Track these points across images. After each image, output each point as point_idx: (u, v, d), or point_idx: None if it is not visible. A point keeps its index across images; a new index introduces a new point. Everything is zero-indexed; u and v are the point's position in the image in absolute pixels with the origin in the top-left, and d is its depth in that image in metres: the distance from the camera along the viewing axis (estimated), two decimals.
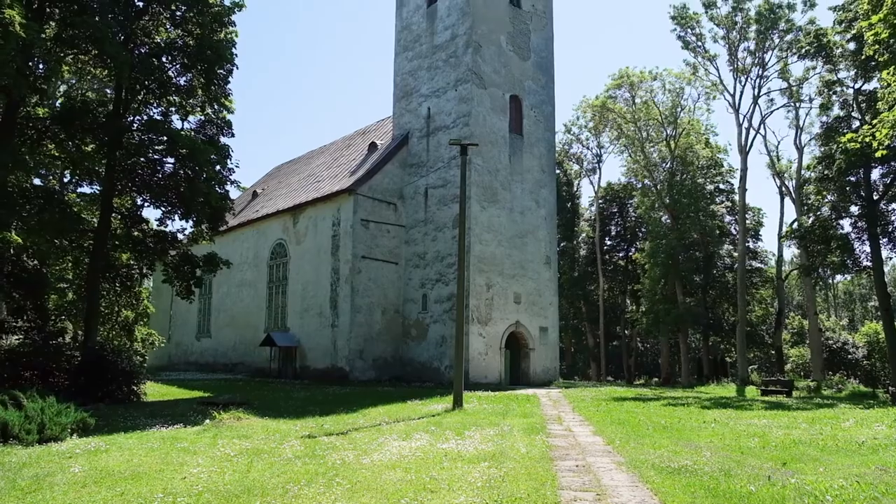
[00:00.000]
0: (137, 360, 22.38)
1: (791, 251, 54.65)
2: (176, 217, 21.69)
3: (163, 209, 21.58)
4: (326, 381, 27.60)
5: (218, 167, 20.76)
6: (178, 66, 21.01)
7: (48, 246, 20.85)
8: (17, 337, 22.27)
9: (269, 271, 34.05)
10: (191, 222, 22.01)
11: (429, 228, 29.05)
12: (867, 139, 16.53)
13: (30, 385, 15.14)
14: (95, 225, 20.73)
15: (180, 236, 22.95)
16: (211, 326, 38.22)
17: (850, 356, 47.21)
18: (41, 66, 18.92)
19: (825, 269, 37.48)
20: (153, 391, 21.55)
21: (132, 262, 23.05)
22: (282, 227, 33.46)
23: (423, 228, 29.28)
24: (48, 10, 18.51)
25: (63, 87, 28.15)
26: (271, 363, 32.11)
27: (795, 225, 38.76)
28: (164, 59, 20.68)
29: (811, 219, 35.59)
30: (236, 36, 21.16)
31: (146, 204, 22.17)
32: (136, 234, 21.75)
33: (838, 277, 65.34)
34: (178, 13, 20.42)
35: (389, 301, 29.41)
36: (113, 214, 20.87)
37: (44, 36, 17.14)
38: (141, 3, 20.26)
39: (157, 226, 22.49)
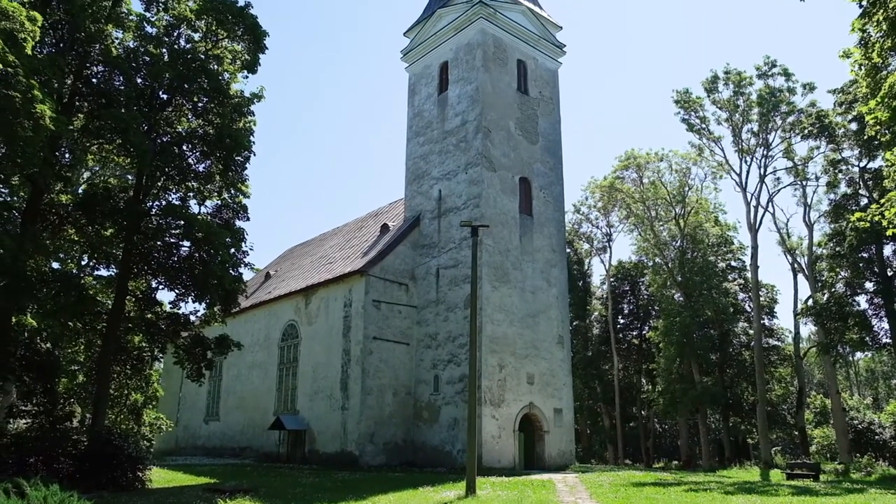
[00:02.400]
0: (144, 445, 22.05)
1: (808, 328, 53.77)
2: (189, 299, 21.89)
3: (177, 291, 21.81)
4: (336, 466, 26.87)
5: (232, 250, 21.10)
6: (197, 153, 21.77)
7: (62, 329, 21.01)
8: (25, 421, 22.08)
9: (279, 353, 33.88)
10: (204, 304, 22.18)
11: (440, 309, 29.02)
12: (877, 218, 16.63)
13: (34, 471, 14.89)
14: (110, 307, 20.94)
15: (193, 318, 23.08)
16: (220, 409, 37.70)
17: (877, 437, 45.49)
18: (67, 155, 19.72)
19: (844, 346, 36.82)
20: (159, 477, 21.05)
21: (144, 345, 23.10)
22: (293, 309, 33.54)
23: (435, 309, 29.26)
24: (77, 103, 19.44)
25: (86, 174, 29.14)
26: (280, 447, 31.41)
27: (810, 302, 38.35)
28: (184, 147, 21.47)
29: (826, 296, 35.28)
30: (254, 125, 22.03)
31: (161, 286, 22.45)
32: (149, 316, 21.90)
33: (858, 354, 63.92)
34: (200, 104, 21.35)
35: (401, 383, 29.03)
36: (127, 297, 21.10)
37: (71, 127, 17.95)
38: (165, 96, 21.24)
39: (171, 308, 22.67)
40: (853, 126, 33.57)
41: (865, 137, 26.66)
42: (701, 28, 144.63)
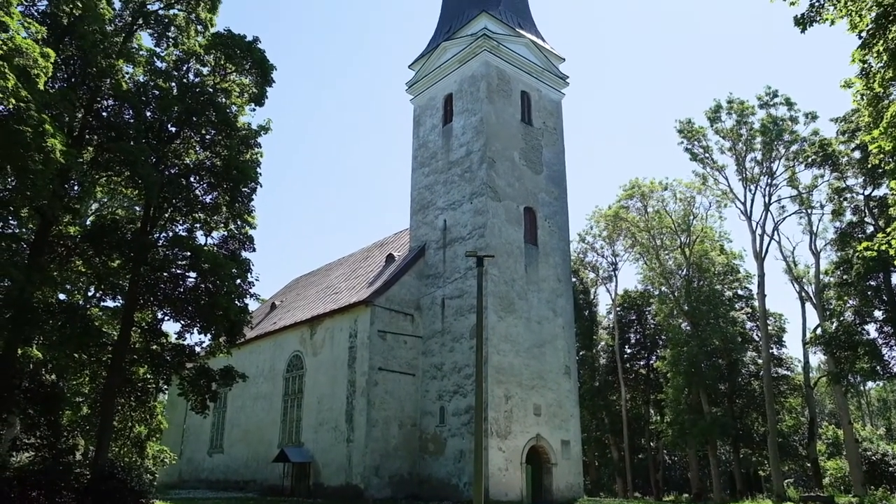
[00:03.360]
0: (147, 479, 21.78)
1: (817, 357, 53.24)
2: (195, 330, 21.85)
3: (182, 322, 21.78)
4: (341, 499, 26.50)
5: (238, 281, 21.14)
6: (204, 184, 21.93)
7: (67, 360, 20.95)
8: (28, 454, 21.90)
9: (284, 384, 33.68)
10: (209, 336, 22.13)
11: (446, 339, 28.88)
12: (883, 247, 16.56)
13: None
14: (115, 338, 20.92)
15: (198, 349, 23.01)
16: (224, 441, 37.37)
17: (891, 468, 44.67)
18: (76, 187, 19.91)
19: (855, 375, 36.36)
20: None
21: (149, 377, 23.01)
22: (298, 339, 33.44)
23: (441, 339, 29.12)
24: (88, 136, 19.70)
25: (95, 206, 29.38)
26: (284, 480, 31.02)
27: (819, 331, 38.01)
28: (191, 179, 21.65)
29: (834, 324, 34.97)
30: (261, 156, 22.24)
31: (166, 318, 22.44)
32: (154, 347, 21.85)
33: (870, 384, 63.13)
34: (208, 137, 21.60)
35: (406, 414, 28.75)
36: (133, 328, 21.09)
37: (81, 160, 18.17)
38: (174, 129, 21.50)
39: (176, 339, 22.63)
40: (856, 154, 33.64)
41: (869, 166, 26.71)
42: (703, 58, 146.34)
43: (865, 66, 15.02)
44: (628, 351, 55.95)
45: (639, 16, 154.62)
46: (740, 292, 50.01)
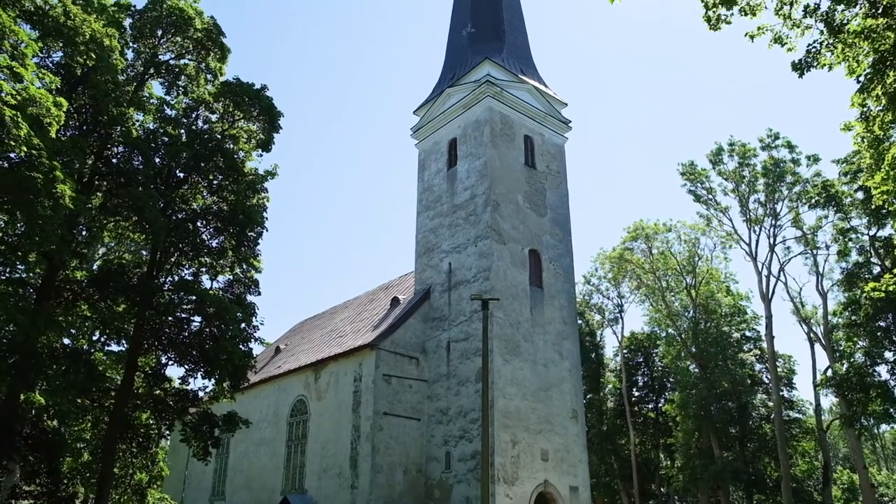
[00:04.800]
0: None
1: (829, 400, 52.37)
2: (199, 375, 21.74)
3: (186, 367, 21.70)
4: None
5: (243, 325, 21.12)
6: (211, 229, 22.15)
7: (69, 406, 20.81)
8: (27, 502, 21.55)
9: (288, 429, 33.24)
10: (213, 380, 22.00)
11: (451, 383, 28.59)
12: (891, 287, 16.50)
13: None
14: (119, 383, 20.81)
15: (201, 394, 22.85)
16: (226, 488, 36.69)
17: None
18: (84, 232, 20.12)
19: (867, 418, 35.71)
20: None
21: (151, 422, 22.81)
22: (303, 383, 33.16)
23: (446, 383, 28.84)
24: (97, 182, 20.00)
25: (102, 250, 29.61)
26: None
27: (830, 372, 37.50)
28: (198, 223, 21.87)
29: (845, 366, 34.51)
30: (268, 201, 22.49)
31: (170, 362, 22.36)
32: (157, 392, 21.71)
33: (884, 427, 61.90)
34: (215, 182, 21.90)
35: (411, 460, 28.27)
36: (136, 373, 20.99)
37: (89, 205, 18.39)
38: (181, 174, 21.82)
39: (179, 384, 22.50)
40: (860, 195, 33.72)
41: (873, 207, 26.76)
42: (703, 101, 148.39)
43: (865, 109, 15.21)
44: (636, 394, 55.18)
45: (640, 60, 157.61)
46: (748, 334, 49.56)
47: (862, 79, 14.42)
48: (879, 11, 13.11)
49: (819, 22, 14.06)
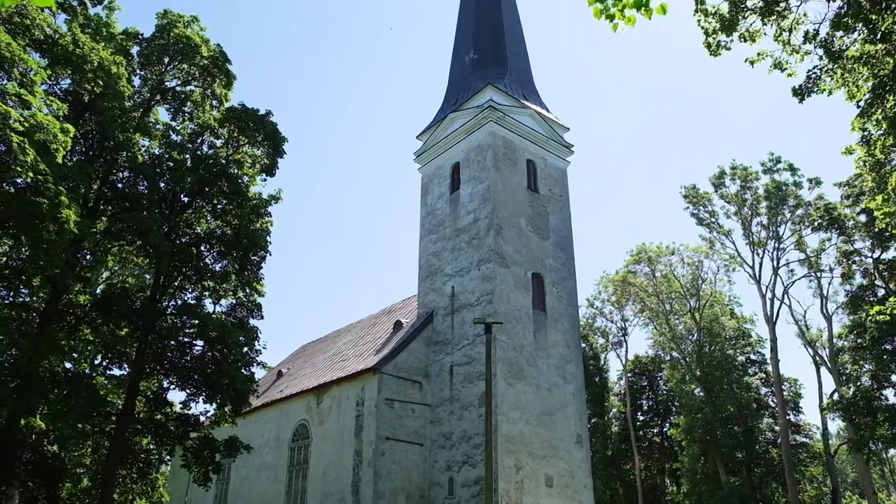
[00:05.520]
0: None
1: (836, 424, 51.83)
2: (200, 399, 21.62)
3: (188, 391, 21.59)
4: None
5: (246, 349, 21.06)
6: (214, 253, 22.19)
7: (70, 431, 20.68)
8: None
9: (289, 454, 32.95)
10: (214, 405, 21.88)
11: (454, 407, 28.38)
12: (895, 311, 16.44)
13: None
14: (119, 408, 20.70)
15: (202, 418, 22.71)
16: None
17: None
18: (88, 256, 20.18)
19: (876, 442, 35.28)
20: None
21: (152, 447, 22.64)
22: (305, 408, 32.94)
23: (449, 407, 28.62)
24: (102, 206, 20.11)
25: (105, 274, 29.66)
26: None
27: (836, 396, 37.15)
28: (202, 248, 21.92)
29: (851, 389, 34.21)
30: (271, 225, 22.56)
31: (172, 386, 22.25)
32: (158, 417, 21.58)
33: (892, 451, 61.10)
34: (220, 206, 21.99)
35: (414, 485, 27.94)
36: (138, 397, 20.89)
37: (94, 230, 18.49)
38: (186, 199, 21.93)
39: (181, 408, 22.37)
40: (862, 218, 33.73)
41: (876, 230, 26.75)
42: (705, 125, 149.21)
43: (865, 133, 15.31)
44: (641, 418, 54.66)
45: (642, 85, 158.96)
46: (753, 357, 49.26)
47: (862, 103, 14.53)
48: (878, 37, 13.26)
49: (818, 48, 14.23)
